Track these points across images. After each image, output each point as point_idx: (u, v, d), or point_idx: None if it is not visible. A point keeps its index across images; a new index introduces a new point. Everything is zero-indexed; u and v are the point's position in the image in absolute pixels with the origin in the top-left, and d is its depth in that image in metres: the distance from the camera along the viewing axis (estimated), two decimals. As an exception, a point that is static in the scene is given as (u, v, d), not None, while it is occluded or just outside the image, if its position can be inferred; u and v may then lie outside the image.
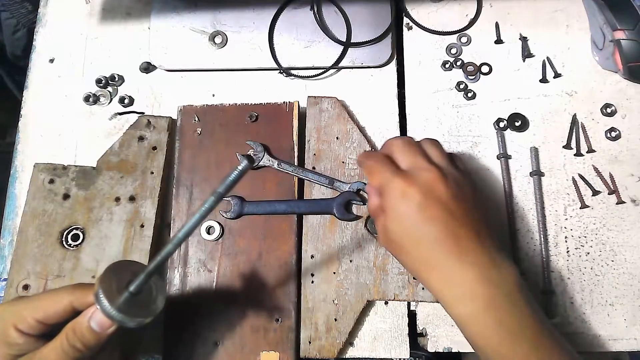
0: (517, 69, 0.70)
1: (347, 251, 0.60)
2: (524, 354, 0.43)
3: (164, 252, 0.42)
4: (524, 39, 0.71)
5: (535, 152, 0.66)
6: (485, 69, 0.70)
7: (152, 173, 0.63)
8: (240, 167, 0.40)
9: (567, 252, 0.62)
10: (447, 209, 0.47)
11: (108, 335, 0.42)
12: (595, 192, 0.64)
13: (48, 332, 0.43)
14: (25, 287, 0.59)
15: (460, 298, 0.46)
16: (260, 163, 0.63)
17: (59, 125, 0.70)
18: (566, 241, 0.63)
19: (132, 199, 0.62)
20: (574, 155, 0.66)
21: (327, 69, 0.71)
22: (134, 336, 0.52)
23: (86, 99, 0.71)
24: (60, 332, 0.42)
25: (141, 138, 0.65)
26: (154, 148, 0.64)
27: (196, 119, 0.66)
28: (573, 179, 0.65)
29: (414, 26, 0.73)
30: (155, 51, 0.71)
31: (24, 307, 0.43)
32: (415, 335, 0.61)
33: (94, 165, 0.64)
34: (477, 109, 0.69)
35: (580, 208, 0.64)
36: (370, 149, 0.64)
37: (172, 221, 0.62)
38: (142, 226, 0.61)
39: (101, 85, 0.71)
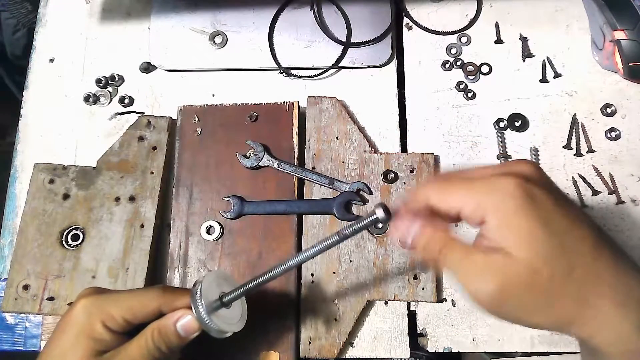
0: (517, 69, 0.70)
1: (347, 251, 0.60)
2: None
3: (269, 274, 0.41)
4: (524, 39, 0.71)
5: (535, 152, 0.66)
6: (485, 69, 0.70)
7: (152, 173, 0.63)
8: (371, 218, 0.38)
9: (567, 252, 0.62)
10: None
11: (189, 340, 0.43)
12: (595, 192, 0.64)
13: (131, 330, 0.43)
14: (25, 287, 0.59)
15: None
16: (260, 163, 0.63)
17: (59, 125, 0.70)
18: (566, 241, 0.63)
19: (132, 199, 0.62)
20: (574, 155, 0.66)
21: (327, 69, 0.70)
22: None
23: (86, 99, 0.71)
24: (144, 331, 0.42)
25: (141, 138, 0.65)
26: (154, 148, 0.64)
27: (196, 119, 0.66)
28: (573, 179, 0.65)
29: (414, 26, 0.73)
30: (155, 51, 0.71)
31: (112, 304, 0.43)
32: (415, 335, 0.61)
33: (94, 165, 0.64)
34: (477, 109, 0.69)
35: (580, 208, 0.64)
36: (370, 149, 0.64)
37: (172, 221, 0.62)
38: (142, 226, 0.61)
39: (101, 85, 0.71)
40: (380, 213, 0.37)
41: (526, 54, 0.70)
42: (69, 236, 0.61)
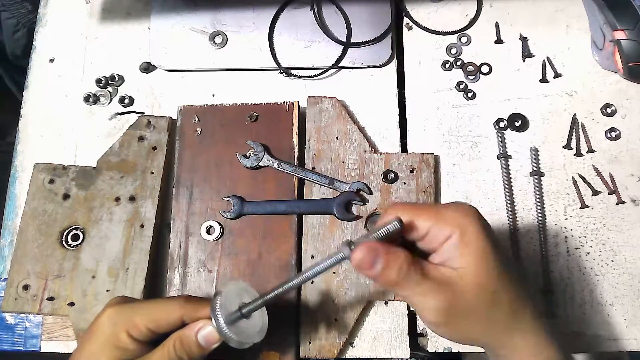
0: (517, 69, 0.70)
1: (347, 251, 0.60)
2: None
3: (288, 285, 0.42)
4: (524, 39, 0.71)
5: (535, 152, 0.66)
6: (485, 69, 0.70)
7: (152, 173, 0.63)
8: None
9: (567, 252, 0.62)
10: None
11: (211, 350, 0.44)
12: (595, 192, 0.64)
13: (154, 339, 0.44)
14: (25, 287, 0.59)
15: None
16: (260, 163, 0.63)
17: (59, 125, 0.70)
18: (566, 241, 0.63)
19: (132, 199, 0.62)
20: (574, 155, 0.66)
21: (327, 69, 0.70)
22: None
23: (86, 99, 0.71)
24: (166, 340, 0.43)
25: (141, 138, 0.65)
26: (154, 148, 0.64)
27: (196, 119, 0.66)
28: (573, 179, 0.65)
29: (414, 26, 0.73)
30: (155, 51, 0.71)
31: (136, 313, 0.44)
32: (415, 335, 0.61)
33: (94, 165, 0.64)
34: (477, 109, 0.69)
35: (580, 208, 0.64)
36: (370, 149, 0.64)
37: (172, 221, 0.62)
38: (142, 226, 0.61)
39: (101, 85, 0.71)
40: (347, 252, 0.41)
41: (526, 54, 0.70)
42: (69, 236, 0.61)
